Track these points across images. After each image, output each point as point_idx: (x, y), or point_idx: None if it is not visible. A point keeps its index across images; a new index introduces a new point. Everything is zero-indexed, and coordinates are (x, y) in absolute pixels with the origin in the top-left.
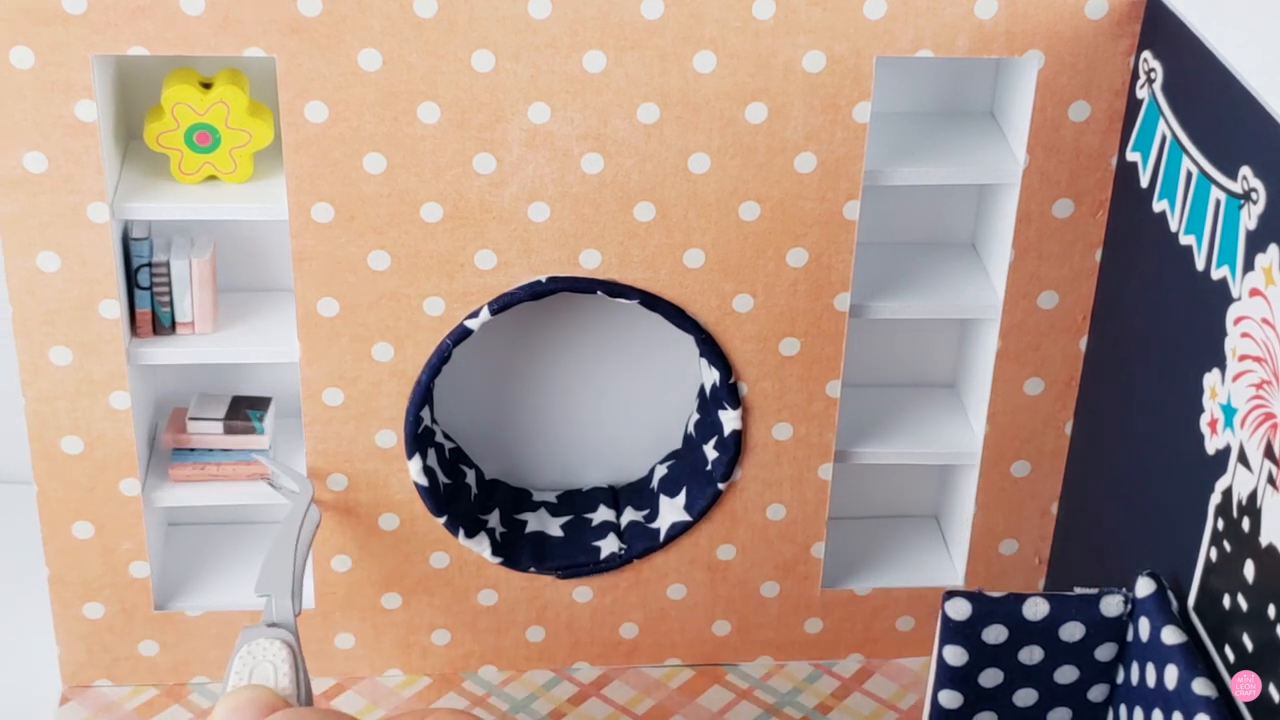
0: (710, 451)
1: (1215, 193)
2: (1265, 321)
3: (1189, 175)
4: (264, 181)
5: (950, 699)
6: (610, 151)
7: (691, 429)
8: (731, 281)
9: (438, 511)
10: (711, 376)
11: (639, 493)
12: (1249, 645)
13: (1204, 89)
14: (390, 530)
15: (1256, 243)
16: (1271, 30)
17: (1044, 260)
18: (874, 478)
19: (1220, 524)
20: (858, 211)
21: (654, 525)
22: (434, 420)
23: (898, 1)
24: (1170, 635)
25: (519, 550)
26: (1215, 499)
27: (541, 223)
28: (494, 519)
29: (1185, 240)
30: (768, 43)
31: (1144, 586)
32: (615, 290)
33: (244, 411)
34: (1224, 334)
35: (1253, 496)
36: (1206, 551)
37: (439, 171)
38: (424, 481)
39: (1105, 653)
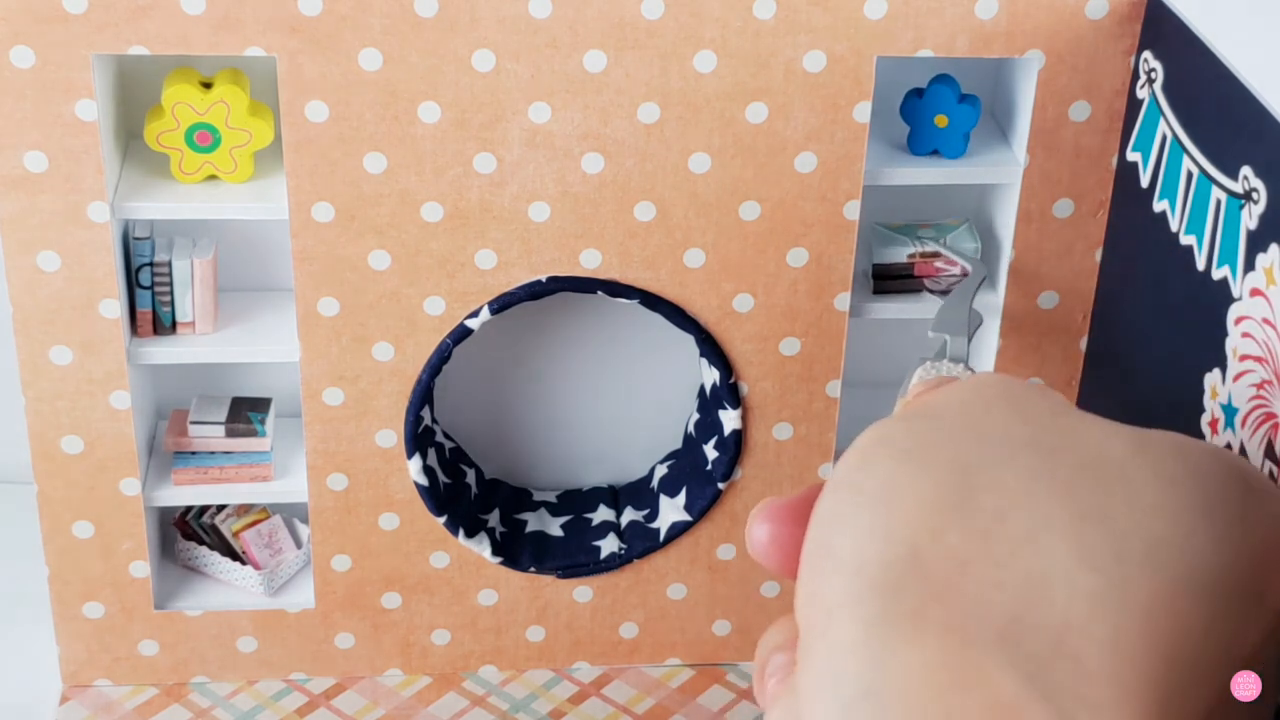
0: (710, 451)
1: (1216, 193)
2: (1266, 321)
3: (1189, 175)
4: (264, 181)
5: None
6: (610, 151)
7: (691, 429)
8: (731, 281)
9: (438, 511)
10: (711, 376)
11: (639, 493)
12: None
13: (1204, 89)
14: (390, 530)
15: (1257, 243)
16: (1271, 30)
17: (1044, 260)
18: None
19: None
20: (858, 211)
21: (654, 525)
22: (434, 420)
23: (898, 1)
24: None
25: (519, 550)
26: None
27: (541, 222)
28: (494, 519)
29: (1186, 240)
30: (768, 43)
31: None
32: (615, 290)
33: (245, 414)
34: (1225, 334)
35: None
36: None
37: (439, 171)
38: (424, 481)
39: None
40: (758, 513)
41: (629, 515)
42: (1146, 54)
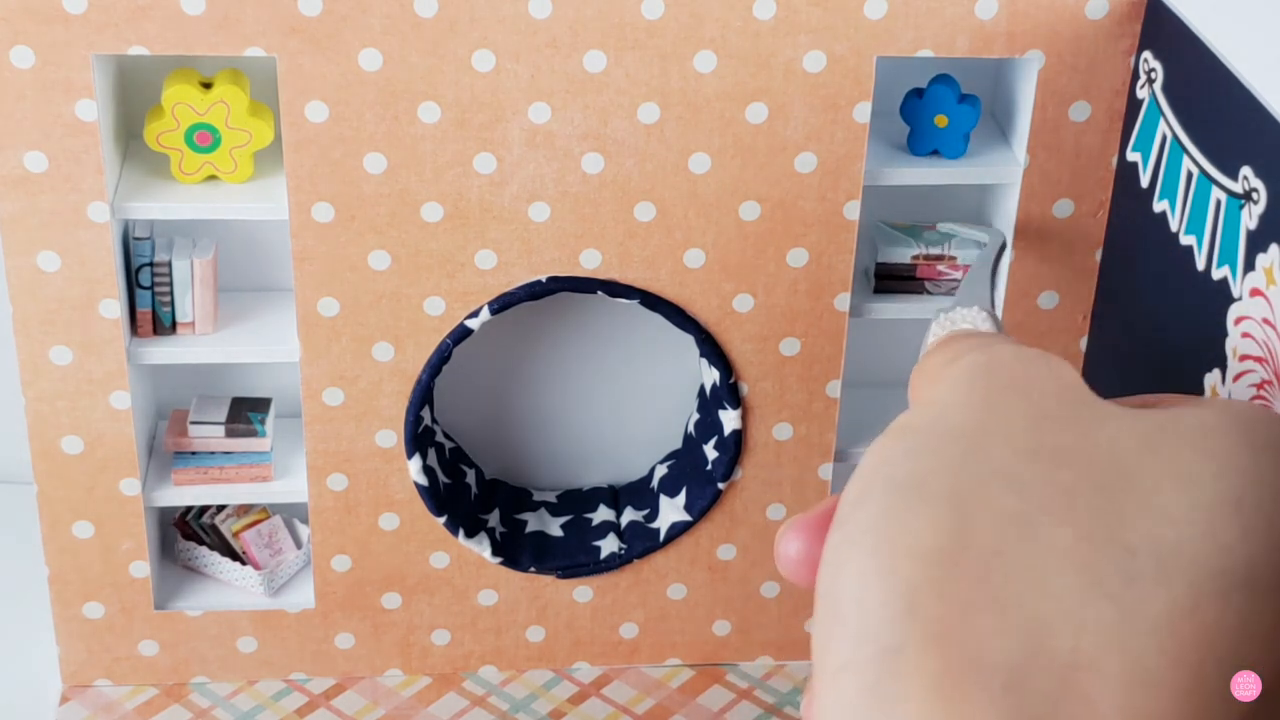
0: (710, 451)
1: (1216, 193)
2: (1266, 321)
3: (1189, 175)
4: (264, 181)
5: None
6: (610, 151)
7: (691, 429)
8: (732, 281)
9: (438, 511)
10: (711, 376)
11: (639, 493)
12: None
13: (1204, 89)
14: (390, 530)
15: (1257, 243)
16: (1271, 30)
17: (1044, 260)
18: None
19: None
20: (858, 211)
21: (654, 525)
22: (434, 420)
23: (898, 1)
24: None
25: (519, 550)
26: None
27: (542, 222)
28: (494, 519)
29: (1186, 240)
30: (768, 43)
31: None
32: (615, 290)
33: (245, 414)
34: (1224, 334)
35: None
36: None
37: (439, 171)
38: (424, 481)
39: None
40: (787, 530)
41: (629, 515)
42: (1146, 54)
